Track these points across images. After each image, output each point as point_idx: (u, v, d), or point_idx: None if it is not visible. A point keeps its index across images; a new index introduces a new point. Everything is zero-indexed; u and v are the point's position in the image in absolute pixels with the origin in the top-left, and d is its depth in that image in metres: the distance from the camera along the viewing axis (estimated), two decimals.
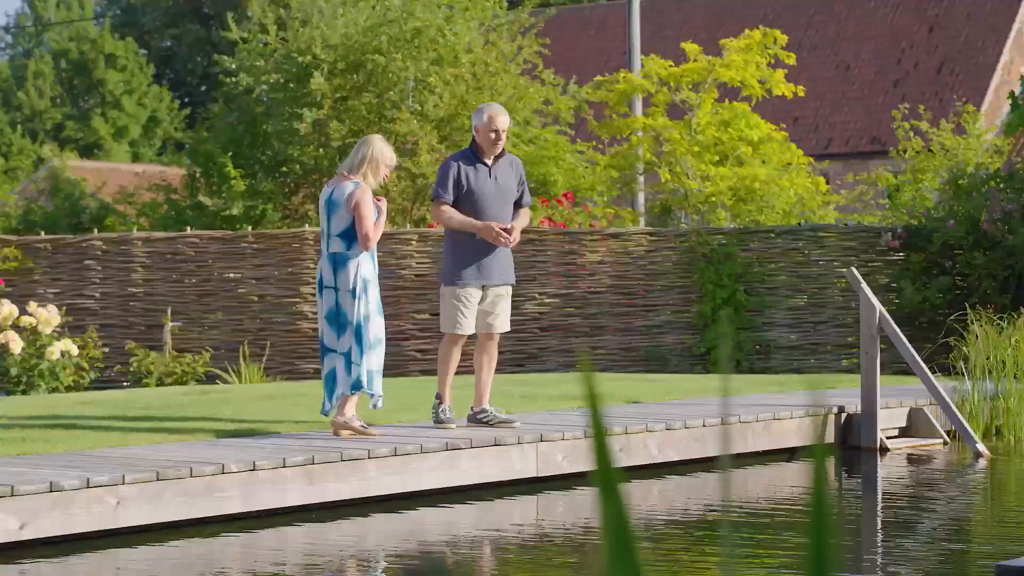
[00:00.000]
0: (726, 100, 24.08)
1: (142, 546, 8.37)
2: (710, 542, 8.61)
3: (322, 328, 10.20)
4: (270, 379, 17.86)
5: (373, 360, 10.10)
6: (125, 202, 28.52)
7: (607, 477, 1.71)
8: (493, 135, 10.62)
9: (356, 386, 10.05)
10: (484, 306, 10.75)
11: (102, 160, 49.27)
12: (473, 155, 10.69)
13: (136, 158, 52.55)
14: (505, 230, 10.54)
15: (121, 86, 53.75)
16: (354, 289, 10.02)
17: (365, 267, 10.08)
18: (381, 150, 10.09)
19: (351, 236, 10.06)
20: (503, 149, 10.73)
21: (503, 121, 10.68)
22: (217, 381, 17.62)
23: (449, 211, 10.59)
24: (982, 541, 8.80)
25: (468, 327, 10.67)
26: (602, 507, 1.72)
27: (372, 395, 10.16)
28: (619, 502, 1.70)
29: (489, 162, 10.69)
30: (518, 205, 10.79)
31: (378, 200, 10.16)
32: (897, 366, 16.82)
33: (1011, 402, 13.19)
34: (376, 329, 10.11)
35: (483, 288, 10.70)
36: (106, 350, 18.30)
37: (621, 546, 1.71)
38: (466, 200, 10.59)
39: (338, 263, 10.08)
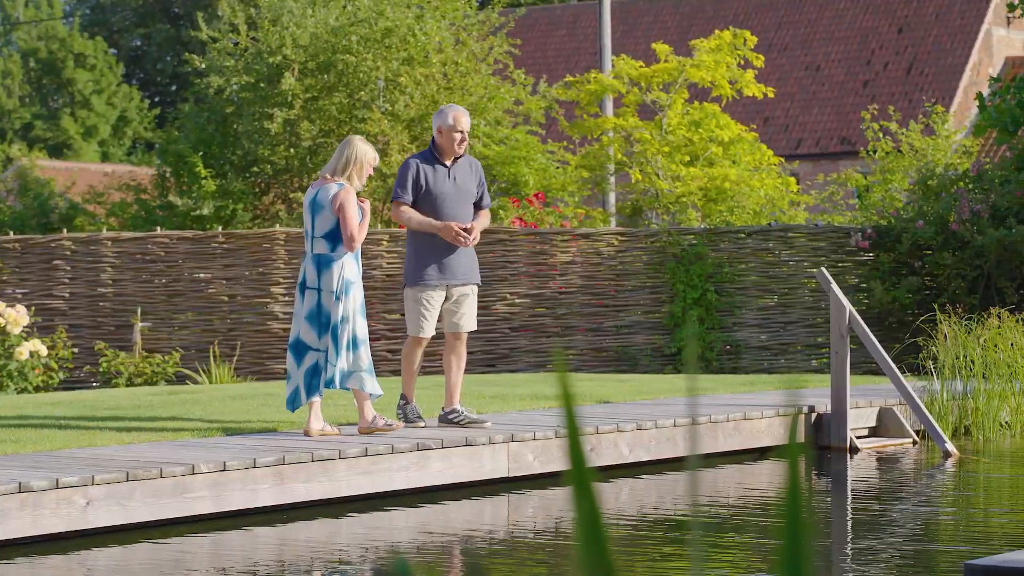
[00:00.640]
0: (696, 101, 24.13)
1: (111, 547, 8.35)
2: (681, 542, 8.63)
3: (298, 328, 10.21)
4: (240, 379, 17.82)
5: (364, 359, 10.13)
6: (94, 202, 28.44)
7: (580, 477, 1.71)
8: (458, 136, 10.68)
9: (328, 384, 10.07)
10: (449, 306, 10.78)
11: (71, 160, 49.10)
12: (433, 156, 10.74)
13: (105, 158, 52.39)
14: (465, 230, 10.58)
15: (90, 85, 53.57)
16: (338, 290, 10.06)
17: (349, 269, 10.11)
18: (364, 151, 10.13)
19: (336, 238, 10.09)
20: (463, 151, 10.79)
21: (467, 122, 10.76)
22: (187, 381, 17.57)
23: (408, 211, 10.63)
24: (951, 540, 8.84)
25: (430, 329, 10.71)
26: (576, 506, 1.72)
27: (372, 396, 10.23)
28: (592, 501, 1.70)
29: (448, 163, 10.74)
30: (478, 206, 10.83)
31: (362, 202, 10.19)
32: (866, 366, 16.88)
33: (980, 402, 13.25)
34: (358, 330, 10.14)
35: (447, 288, 10.73)
36: (75, 350, 18.24)
37: (594, 545, 1.71)
38: (425, 200, 10.64)
39: (322, 264, 10.11)
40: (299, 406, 10.26)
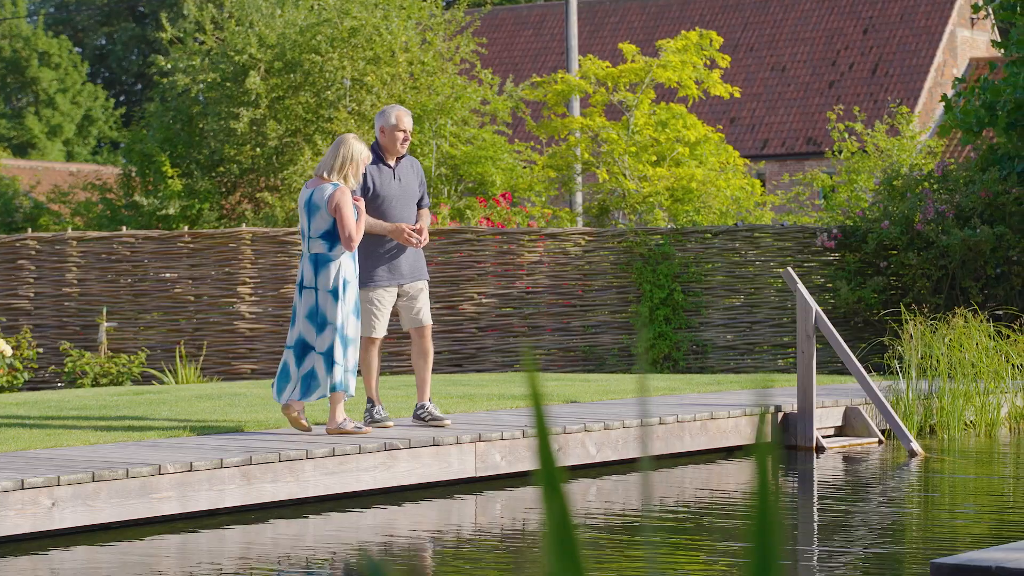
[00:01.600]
0: (663, 101, 24.17)
1: (78, 547, 8.31)
2: (646, 541, 8.64)
3: (299, 328, 10.22)
4: (206, 379, 17.77)
5: (351, 359, 10.18)
6: (59, 201, 28.30)
7: (550, 476, 1.71)
8: (400, 135, 10.74)
9: (338, 386, 10.08)
10: (404, 303, 10.83)
11: (36, 159, 48.86)
12: (377, 157, 10.78)
13: (70, 157, 52.17)
14: (415, 230, 10.62)
15: (55, 84, 53.31)
16: (335, 289, 10.08)
17: (347, 268, 10.14)
18: (360, 150, 10.17)
19: (332, 237, 10.12)
20: (406, 151, 10.85)
21: (409, 122, 10.82)
22: (153, 382, 17.51)
23: None
24: (917, 539, 8.87)
25: (381, 329, 10.75)
26: (545, 506, 1.72)
27: (325, 396, 10.22)
28: (562, 501, 1.70)
29: (392, 163, 10.78)
30: (419, 206, 10.88)
31: (356, 200, 10.21)
32: (832, 365, 16.94)
33: (945, 401, 13.31)
34: (350, 330, 10.16)
35: (398, 287, 10.77)
36: (40, 350, 18.15)
37: (563, 544, 1.71)
38: (372, 202, 10.69)
39: (319, 264, 10.14)
40: (287, 401, 10.25)
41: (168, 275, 18.44)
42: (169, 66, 25.04)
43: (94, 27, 60.40)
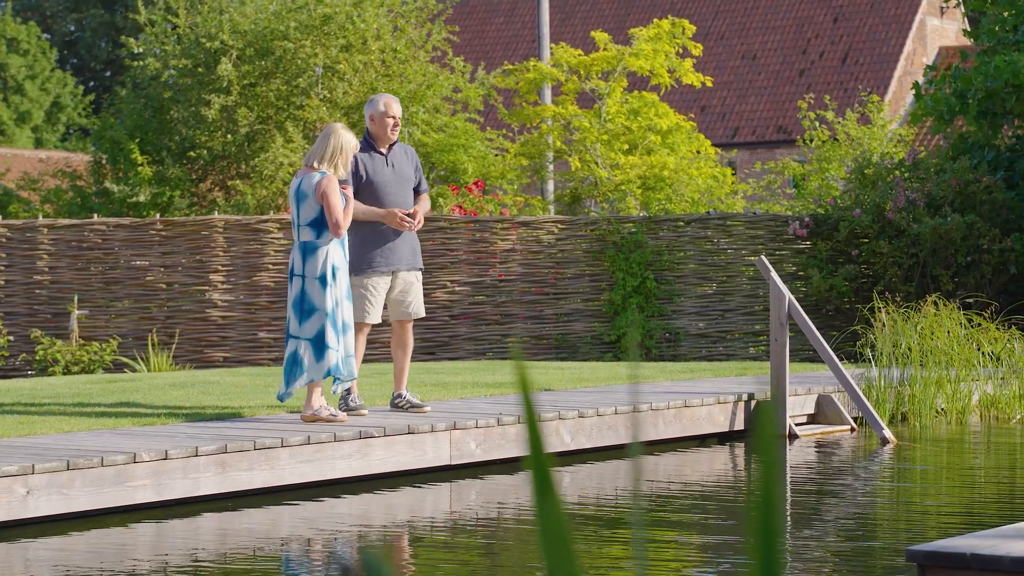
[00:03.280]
0: (635, 89, 24.19)
1: (53, 536, 8.29)
2: (624, 529, 8.67)
3: (288, 315, 10.27)
4: (179, 367, 17.73)
5: (349, 345, 10.22)
6: (29, 188, 28.16)
7: (540, 461, 1.72)
8: (390, 121, 10.82)
9: (331, 371, 10.10)
10: (396, 295, 10.88)
11: (4, 146, 48.62)
12: (369, 145, 10.84)
13: (39, 144, 51.93)
14: (409, 215, 10.67)
15: (23, 71, 53.03)
16: (323, 276, 10.14)
17: (335, 255, 10.18)
18: (348, 139, 10.23)
19: (321, 225, 10.16)
20: (396, 138, 10.89)
21: (398, 109, 10.92)
22: (125, 370, 17.46)
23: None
24: (890, 526, 8.92)
25: (374, 316, 10.79)
26: (535, 492, 1.73)
27: (339, 379, 10.23)
28: (551, 487, 1.71)
29: (384, 150, 10.84)
30: (416, 192, 10.95)
31: (344, 188, 10.25)
32: (804, 353, 17.00)
33: (916, 389, 13.38)
34: (345, 314, 10.20)
35: (392, 274, 10.81)
36: (11, 338, 18.09)
37: (554, 529, 1.72)
38: (366, 189, 10.73)
39: (307, 251, 10.19)
40: (290, 395, 10.28)
41: (140, 263, 18.39)
42: (140, 49, 24.94)
43: (63, 13, 60.12)
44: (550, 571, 1.71)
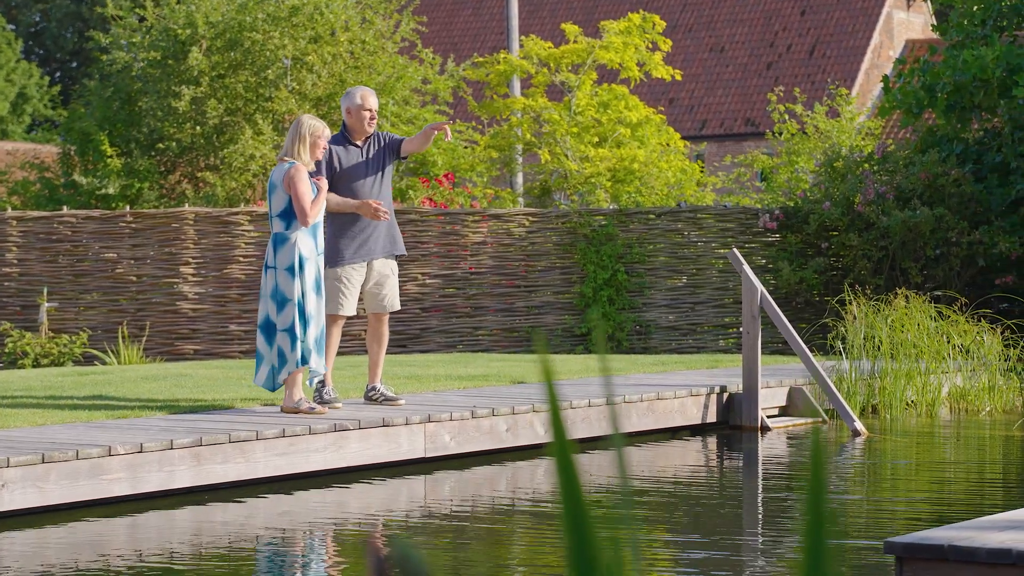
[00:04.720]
0: (605, 82, 24.22)
1: (27, 529, 8.28)
2: (601, 519, 8.69)
3: (265, 308, 10.30)
4: (149, 360, 17.69)
5: (311, 335, 10.21)
6: None
7: (563, 449, 1.76)
8: (367, 114, 10.82)
9: (302, 361, 10.11)
10: (371, 286, 10.89)
11: None
12: (345, 138, 10.83)
13: (5, 136, 51.65)
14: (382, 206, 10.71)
15: None
16: (292, 267, 10.14)
17: (304, 245, 10.18)
18: (310, 126, 10.21)
19: (290, 215, 10.19)
20: (373, 130, 10.88)
21: (375, 101, 10.92)
22: (95, 362, 17.41)
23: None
24: (864, 518, 8.97)
25: (349, 308, 10.79)
26: (559, 477, 1.77)
27: (313, 372, 10.28)
28: (574, 471, 1.75)
29: (361, 143, 10.82)
30: (397, 152, 10.83)
31: (317, 179, 10.25)
32: (774, 345, 17.08)
33: (887, 381, 13.45)
34: (309, 306, 10.19)
35: (368, 264, 10.82)
36: None
37: (577, 512, 1.76)
38: (340, 182, 10.75)
39: (278, 242, 10.23)
40: (280, 386, 10.30)
41: (110, 255, 18.33)
42: (108, 42, 24.84)
43: (28, 3, 59.77)
44: (572, 554, 1.75)
